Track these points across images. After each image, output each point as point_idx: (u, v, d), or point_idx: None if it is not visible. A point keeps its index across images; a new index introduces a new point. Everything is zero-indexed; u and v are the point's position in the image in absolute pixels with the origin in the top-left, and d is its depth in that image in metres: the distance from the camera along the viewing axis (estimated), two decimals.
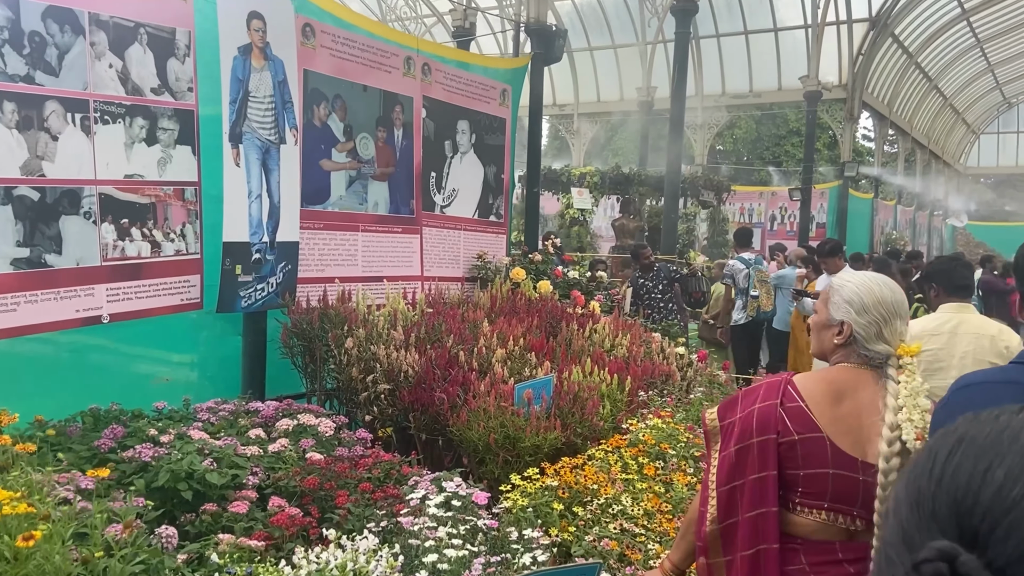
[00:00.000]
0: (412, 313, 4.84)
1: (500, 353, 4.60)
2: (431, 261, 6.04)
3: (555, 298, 6.23)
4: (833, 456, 1.87)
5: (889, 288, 1.98)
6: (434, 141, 6.08)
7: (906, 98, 23.39)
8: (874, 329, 1.92)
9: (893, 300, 1.95)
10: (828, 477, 1.87)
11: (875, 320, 1.92)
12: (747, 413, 1.97)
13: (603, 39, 19.69)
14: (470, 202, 6.49)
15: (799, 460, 1.88)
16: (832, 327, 1.99)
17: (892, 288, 1.98)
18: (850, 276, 2.05)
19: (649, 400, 4.83)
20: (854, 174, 17.75)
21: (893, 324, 1.92)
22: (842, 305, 1.97)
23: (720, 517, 1.98)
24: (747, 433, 1.95)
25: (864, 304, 1.93)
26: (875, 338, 1.91)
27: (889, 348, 1.92)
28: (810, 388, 1.94)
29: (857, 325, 1.93)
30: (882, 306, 1.93)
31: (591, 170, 12.28)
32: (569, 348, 5.23)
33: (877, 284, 1.98)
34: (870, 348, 1.92)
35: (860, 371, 1.94)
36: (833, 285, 2.05)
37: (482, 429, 3.94)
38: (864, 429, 1.88)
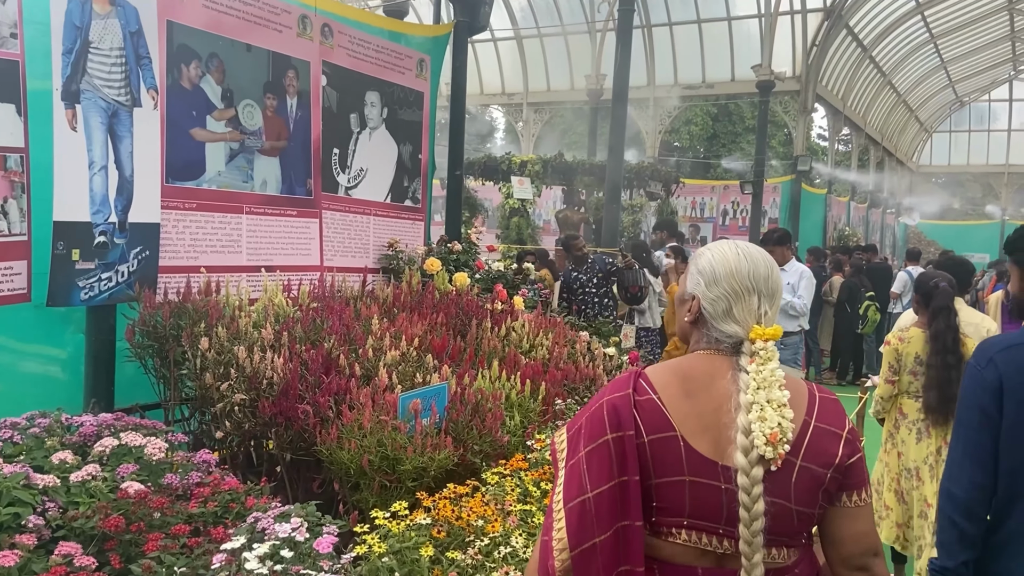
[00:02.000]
0: (292, 308, 4.14)
1: (391, 356, 3.93)
2: (333, 249, 5.34)
3: (472, 292, 5.58)
4: (689, 460, 1.56)
5: (751, 260, 1.68)
6: (337, 113, 5.37)
7: (860, 93, 23.21)
8: (722, 305, 1.66)
9: (751, 272, 1.67)
10: (685, 486, 1.56)
11: (724, 294, 1.66)
12: (595, 409, 1.64)
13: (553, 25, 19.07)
14: (381, 184, 5.80)
15: (651, 467, 1.57)
16: (685, 302, 1.75)
17: (756, 260, 1.69)
18: (713, 244, 1.77)
19: (567, 409, 4.22)
20: (807, 168, 17.38)
21: (747, 301, 1.65)
22: (695, 276, 1.73)
23: (571, 542, 1.56)
24: (598, 430, 1.60)
25: (715, 275, 1.67)
26: (723, 316, 1.66)
27: (739, 329, 1.64)
28: (662, 378, 1.64)
29: (705, 299, 1.68)
30: (735, 278, 1.66)
31: (533, 158, 11.66)
32: (478, 349, 4.59)
33: (736, 254, 1.69)
34: (719, 328, 1.66)
35: (715, 358, 1.67)
36: (694, 254, 1.80)
37: (355, 448, 3.27)
38: (722, 429, 1.58)
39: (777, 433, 1.52)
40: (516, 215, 10.97)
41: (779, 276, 1.73)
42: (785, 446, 1.54)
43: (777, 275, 1.71)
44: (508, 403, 4.06)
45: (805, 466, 1.58)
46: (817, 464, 1.59)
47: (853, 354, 11.69)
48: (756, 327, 1.63)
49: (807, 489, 1.58)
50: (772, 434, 1.52)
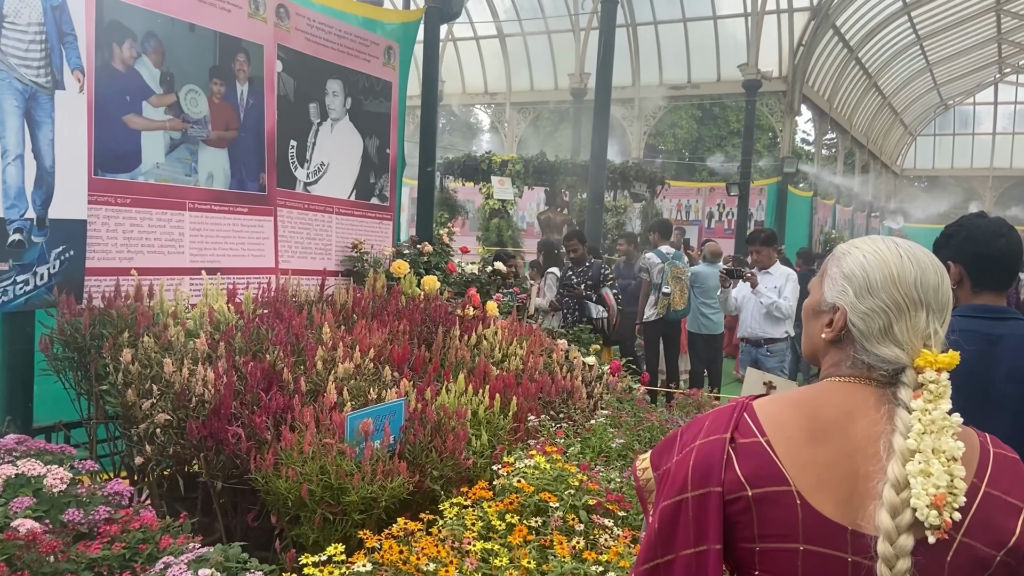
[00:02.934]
0: (234, 316, 3.71)
1: (344, 369, 3.52)
2: (290, 250, 4.91)
3: (443, 297, 5.17)
4: (807, 522, 1.23)
5: (918, 264, 1.30)
6: (295, 102, 4.95)
7: (846, 94, 23.00)
8: (879, 321, 1.28)
9: (919, 280, 1.29)
10: (798, 556, 1.24)
11: (882, 307, 1.28)
12: (684, 454, 1.34)
13: (537, 24, 18.70)
14: (344, 180, 5.38)
15: (754, 527, 1.26)
16: (822, 314, 1.37)
17: (925, 266, 1.30)
18: (862, 241, 1.37)
19: (540, 426, 3.81)
20: (793, 170, 17.08)
21: (913, 317, 1.28)
22: (839, 281, 1.34)
23: None
24: (680, 483, 1.31)
25: (871, 281, 1.29)
26: (880, 335, 1.28)
27: (901, 354, 1.27)
28: (777, 416, 1.30)
29: (855, 313, 1.30)
30: (898, 286, 1.28)
31: (514, 157, 11.26)
32: (444, 360, 4.18)
33: (899, 256, 1.30)
34: (872, 351, 1.29)
35: (857, 389, 1.30)
36: (836, 253, 1.41)
37: (294, 476, 2.85)
38: (859, 481, 1.23)
39: (945, 495, 1.16)
40: (496, 216, 10.56)
41: (950, 288, 1.34)
42: (955, 513, 1.16)
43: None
44: (475, 420, 3.66)
45: (968, 543, 1.21)
46: (984, 543, 1.22)
47: None
48: (925, 352, 1.25)
49: (965, 574, 1.22)
50: (939, 495, 1.15)
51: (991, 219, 2.60)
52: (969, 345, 2.23)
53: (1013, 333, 2.37)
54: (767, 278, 6.51)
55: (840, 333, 1.32)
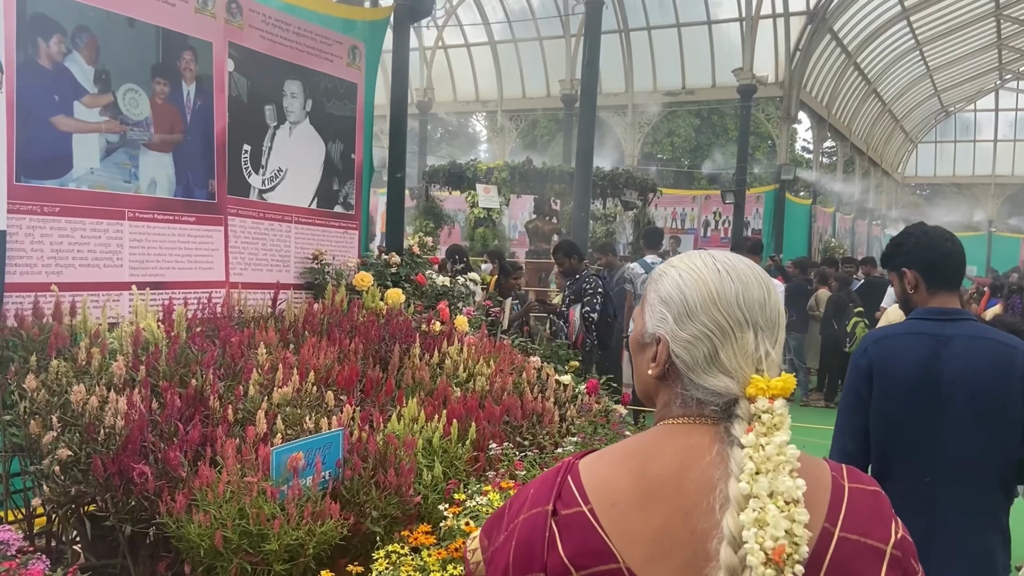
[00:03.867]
0: (162, 335, 3.37)
1: (282, 394, 3.19)
2: (243, 262, 4.59)
3: (408, 311, 4.85)
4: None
5: (738, 277, 1.16)
6: (249, 104, 4.64)
7: (845, 101, 22.72)
8: (704, 348, 1.13)
9: (741, 296, 1.14)
10: None
11: (705, 331, 1.13)
12: (508, 533, 1.17)
13: (528, 31, 18.43)
14: (305, 187, 5.06)
15: None
16: (647, 347, 1.22)
17: (747, 278, 1.16)
18: (679, 259, 1.23)
19: (503, 455, 3.48)
20: (791, 177, 16.76)
21: (739, 339, 1.13)
22: (657, 308, 1.20)
23: None
24: (501, 573, 1.15)
25: (688, 304, 1.15)
26: (706, 364, 1.13)
27: (731, 383, 1.11)
28: (603, 477, 1.13)
29: (676, 342, 1.15)
30: (718, 306, 1.14)
31: (500, 164, 10.93)
32: (400, 381, 3.85)
33: (716, 270, 1.17)
34: (700, 383, 1.13)
35: (691, 431, 1.14)
36: (653, 275, 1.25)
37: (207, 521, 2.51)
38: (698, 543, 1.05)
39: (784, 547, 0.99)
40: (482, 225, 10.24)
41: (779, 300, 1.20)
42: (797, 567, 0.99)
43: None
44: (429, 450, 3.33)
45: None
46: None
47: (841, 373, 10.99)
48: (756, 377, 1.10)
49: None
50: (777, 548, 0.99)
51: (935, 227, 2.74)
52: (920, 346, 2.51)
53: (962, 334, 2.49)
54: None
55: (665, 367, 1.16)
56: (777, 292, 1.21)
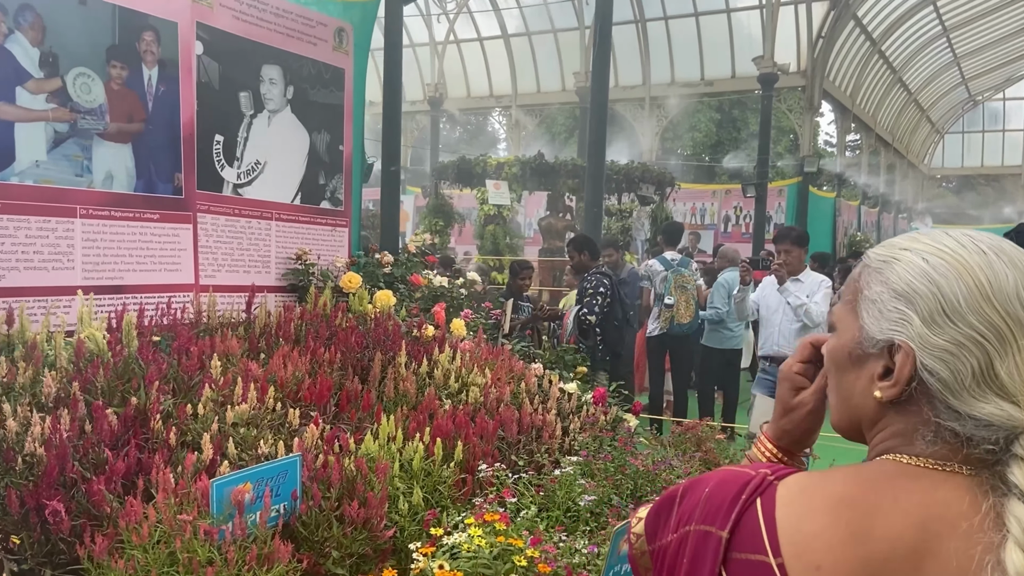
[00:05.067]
0: (104, 347, 2.98)
1: (238, 413, 2.79)
2: (216, 263, 4.20)
3: (400, 314, 4.45)
4: None
5: (1013, 262, 0.83)
6: (221, 91, 4.25)
7: (870, 90, 22.04)
8: (972, 360, 0.82)
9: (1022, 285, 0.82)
10: None
11: (974, 337, 0.82)
12: (677, 539, 0.95)
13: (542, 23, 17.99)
14: (286, 181, 4.66)
15: None
16: (868, 359, 0.90)
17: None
18: (912, 240, 0.89)
19: (496, 476, 3.06)
20: (814, 169, 16.16)
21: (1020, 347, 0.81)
22: (890, 304, 0.87)
23: None
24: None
25: (944, 298, 0.83)
26: (976, 383, 0.82)
27: (1013, 411, 0.81)
28: (805, 524, 0.84)
29: (928, 352, 0.84)
30: (994, 302, 0.82)
31: (510, 160, 10.51)
32: (381, 395, 3.44)
33: (981, 252, 0.84)
34: (965, 410, 0.82)
35: (939, 481, 0.83)
36: (870, 262, 0.92)
37: (133, 568, 2.12)
38: None
39: None
40: (492, 223, 9.81)
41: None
42: None
43: None
44: (410, 473, 2.92)
45: None
46: None
47: None
48: None
49: None
50: None
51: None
52: None
53: None
54: (797, 286, 5.60)
55: (907, 385, 0.86)
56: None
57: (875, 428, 0.91)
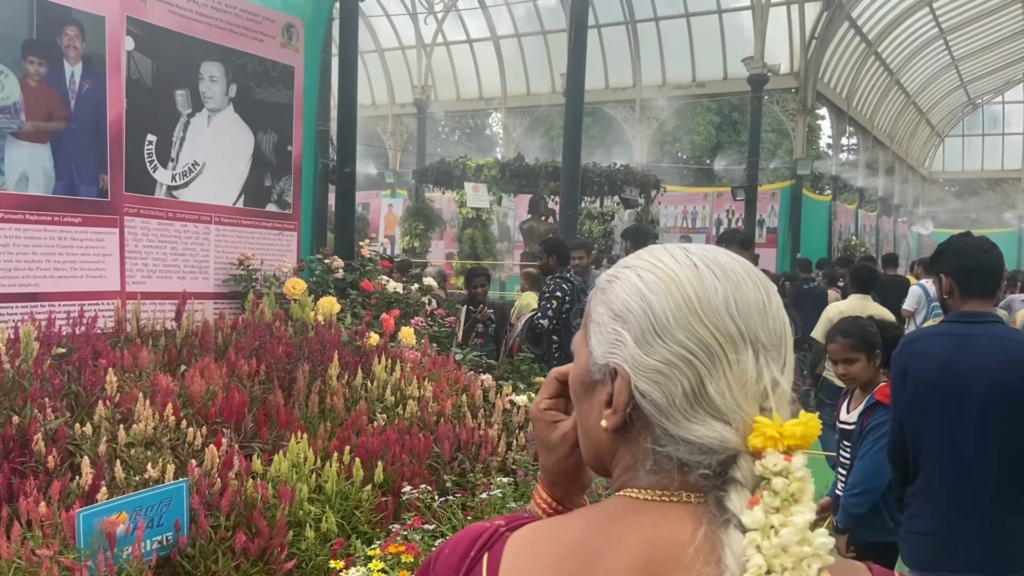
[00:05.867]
0: None
1: (134, 432, 2.58)
2: (145, 268, 3.99)
3: (344, 322, 4.25)
4: None
5: (726, 276, 0.82)
6: (154, 89, 4.05)
7: (866, 93, 21.81)
8: (683, 379, 0.79)
9: (734, 302, 0.80)
10: None
11: (685, 354, 0.79)
12: None
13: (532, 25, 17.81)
14: (228, 183, 4.46)
15: None
16: (595, 387, 0.86)
17: (737, 277, 0.82)
18: (636, 257, 0.88)
19: (420, 501, 2.85)
20: (807, 172, 15.93)
21: (736, 364, 0.79)
22: (608, 326, 0.85)
23: None
24: None
25: (655, 315, 0.81)
26: (688, 404, 0.79)
27: (725, 431, 0.77)
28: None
29: (643, 374, 0.80)
30: (703, 315, 0.79)
31: (490, 162, 10.31)
32: (305, 410, 3.22)
33: (692, 265, 0.83)
34: (679, 434, 0.79)
35: (667, 511, 0.80)
36: (599, 283, 0.90)
37: None
38: None
39: None
40: (471, 226, 9.60)
41: (781, 305, 0.84)
42: None
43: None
44: (324, 497, 2.72)
45: None
46: None
47: None
48: (762, 420, 0.75)
49: None
50: None
51: (976, 237, 2.95)
52: (944, 346, 2.72)
53: (986, 334, 2.69)
54: None
55: (627, 413, 0.81)
56: (778, 296, 0.85)
57: (613, 462, 0.85)
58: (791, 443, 0.74)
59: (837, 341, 3.49)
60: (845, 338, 3.44)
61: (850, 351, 3.41)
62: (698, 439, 0.77)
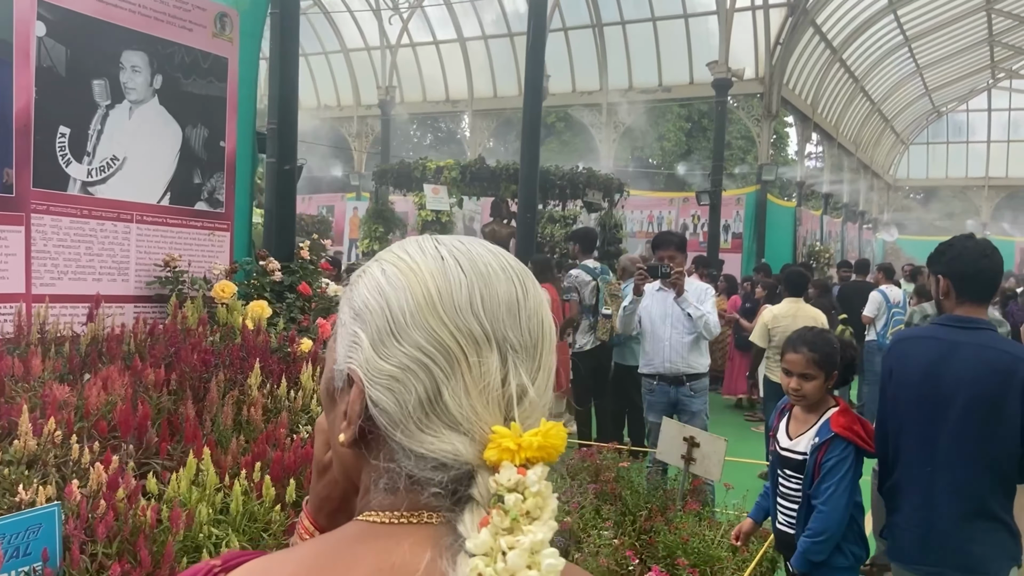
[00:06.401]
0: None
1: (13, 450, 2.34)
2: (56, 270, 3.73)
3: (272, 327, 4.01)
4: None
5: (475, 269, 0.75)
6: (68, 78, 3.79)
7: (831, 99, 21.93)
8: (418, 385, 0.71)
9: (481, 298, 0.73)
10: None
11: (421, 356, 0.71)
12: None
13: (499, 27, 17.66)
14: (151, 179, 4.20)
15: None
16: (337, 395, 0.79)
17: (488, 271, 0.75)
18: (388, 251, 0.82)
19: None
20: (772, 177, 15.93)
21: (476, 366, 0.71)
22: (349, 328, 0.77)
23: None
24: None
25: (392, 313, 0.73)
26: (423, 413, 0.71)
27: (460, 443, 0.70)
28: None
29: (376, 380, 0.73)
30: (442, 313, 0.72)
31: (450, 163, 10.09)
32: (216, 423, 2.99)
33: (439, 257, 0.76)
34: (413, 447, 0.72)
35: (402, 535, 0.71)
36: (352, 279, 0.84)
37: None
38: None
39: None
40: (430, 229, 9.38)
41: (542, 303, 0.76)
42: None
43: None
44: (227, 518, 2.49)
45: None
46: None
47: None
48: (499, 431, 0.69)
49: None
50: None
51: (978, 240, 2.93)
52: (929, 350, 2.76)
53: (972, 342, 2.71)
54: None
55: (357, 424, 0.73)
56: (542, 295, 0.76)
57: (351, 479, 0.79)
58: (530, 455, 0.67)
59: (800, 352, 3.12)
60: (811, 351, 3.09)
61: (812, 367, 3.08)
62: (430, 452, 0.70)
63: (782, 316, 6.25)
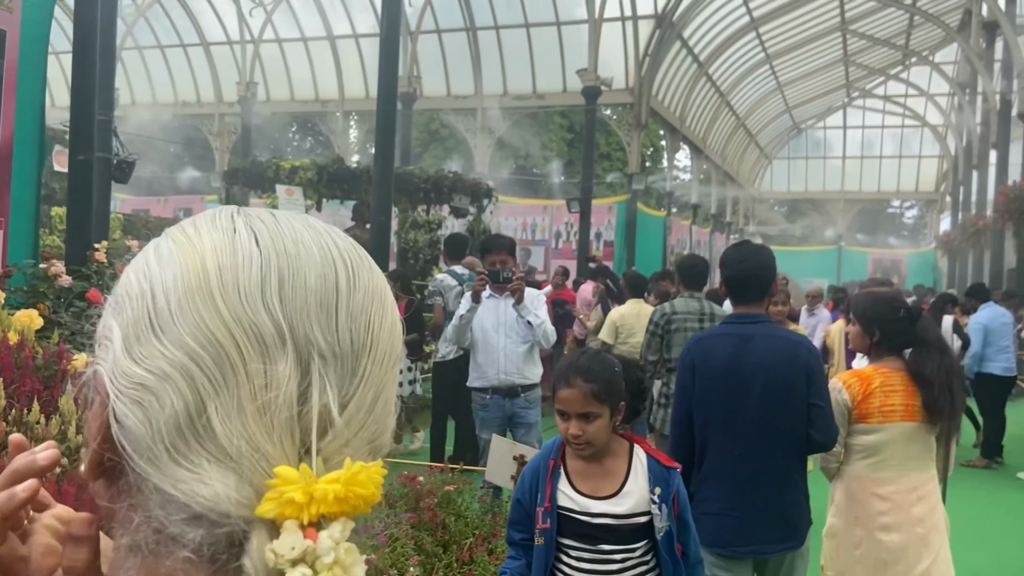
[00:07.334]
0: None
1: None
2: None
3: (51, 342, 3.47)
4: None
5: (280, 242, 0.53)
6: None
7: (699, 112, 22.60)
8: (175, 399, 0.49)
9: (278, 279, 0.51)
10: None
11: (183, 358, 0.50)
12: None
13: (370, 25, 17.18)
14: None
15: None
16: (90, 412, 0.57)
17: (302, 248, 0.53)
18: (175, 226, 0.58)
19: None
20: (642, 186, 16.16)
21: (259, 373, 0.49)
22: (105, 319, 0.55)
23: None
24: None
25: (155, 301, 0.52)
26: (184, 438, 0.49)
27: (223, 486, 0.48)
28: None
29: (121, 389, 0.50)
30: (221, 299, 0.50)
31: (306, 163, 9.59)
32: None
33: (231, 230, 0.54)
34: (165, 487, 0.48)
35: None
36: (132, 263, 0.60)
37: None
38: None
39: None
40: None
41: (379, 302, 0.55)
42: None
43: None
44: None
45: None
46: None
47: None
48: (284, 471, 0.47)
49: None
50: None
51: (741, 248, 3.29)
52: (727, 344, 3.05)
53: (760, 333, 3.01)
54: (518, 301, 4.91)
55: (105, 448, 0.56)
56: (384, 293, 0.57)
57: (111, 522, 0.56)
58: (325, 510, 0.47)
59: (575, 386, 2.21)
60: (587, 382, 2.19)
61: (592, 402, 2.19)
62: (181, 494, 0.49)
63: (628, 315, 6.65)
